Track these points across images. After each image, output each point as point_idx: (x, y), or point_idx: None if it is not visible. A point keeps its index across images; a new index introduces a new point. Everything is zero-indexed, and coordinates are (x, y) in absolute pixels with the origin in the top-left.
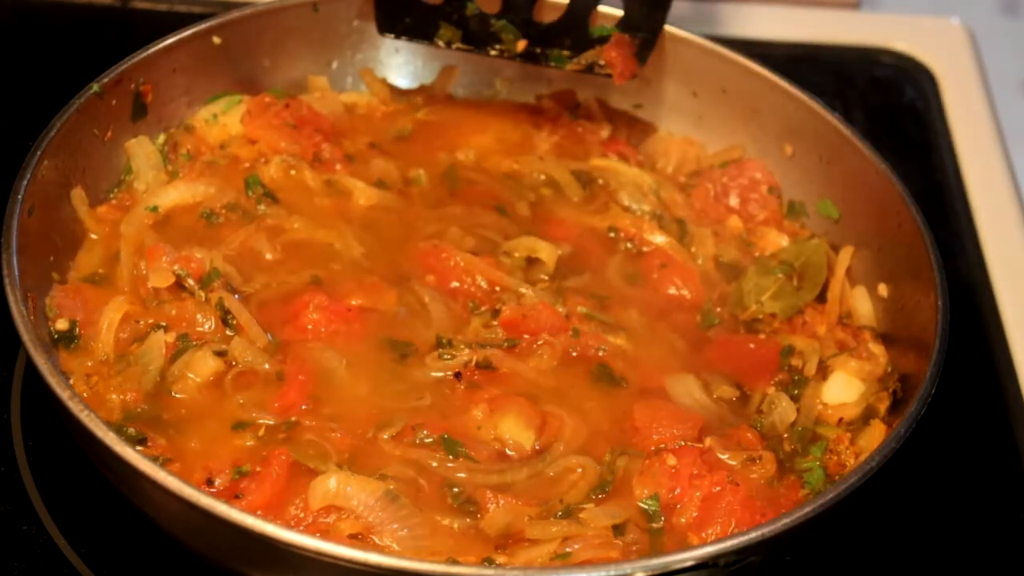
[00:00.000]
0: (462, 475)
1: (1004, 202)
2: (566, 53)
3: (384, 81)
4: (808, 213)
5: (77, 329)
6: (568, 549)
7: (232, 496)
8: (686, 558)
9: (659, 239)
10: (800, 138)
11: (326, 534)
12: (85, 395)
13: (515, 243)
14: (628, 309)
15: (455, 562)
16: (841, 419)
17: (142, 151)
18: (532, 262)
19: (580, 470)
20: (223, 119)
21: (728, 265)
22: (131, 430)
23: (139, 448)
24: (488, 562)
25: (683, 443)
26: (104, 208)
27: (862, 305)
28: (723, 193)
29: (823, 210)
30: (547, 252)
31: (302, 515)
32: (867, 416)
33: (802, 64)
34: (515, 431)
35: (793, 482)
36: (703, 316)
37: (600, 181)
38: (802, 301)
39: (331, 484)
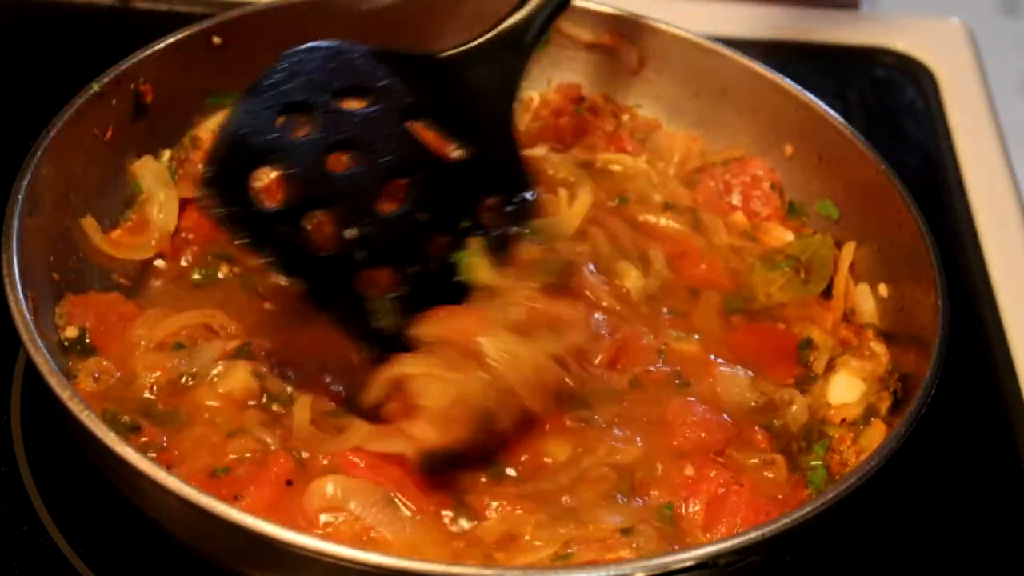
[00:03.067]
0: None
1: (1004, 202)
2: None
3: None
4: (808, 213)
5: (87, 338)
6: (570, 550)
7: (231, 497)
8: (686, 558)
9: (675, 226)
10: (800, 138)
11: (327, 535)
12: (91, 390)
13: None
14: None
15: (455, 562)
16: (843, 420)
17: (149, 171)
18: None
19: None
20: None
21: (739, 254)
22: (125, 417)
23: (131, 435)
24: (488, 560)
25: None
26: (119, 232)
27: (865, 303)
28: (725, 190)
29: (823, 210)
30: (633, 279)
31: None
32: (868, 416)
33: (802, 64)
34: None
35: (798, 481)
36: (726, 302)
37: (614, 169)
38: (810, 294)
39: (328, 488)
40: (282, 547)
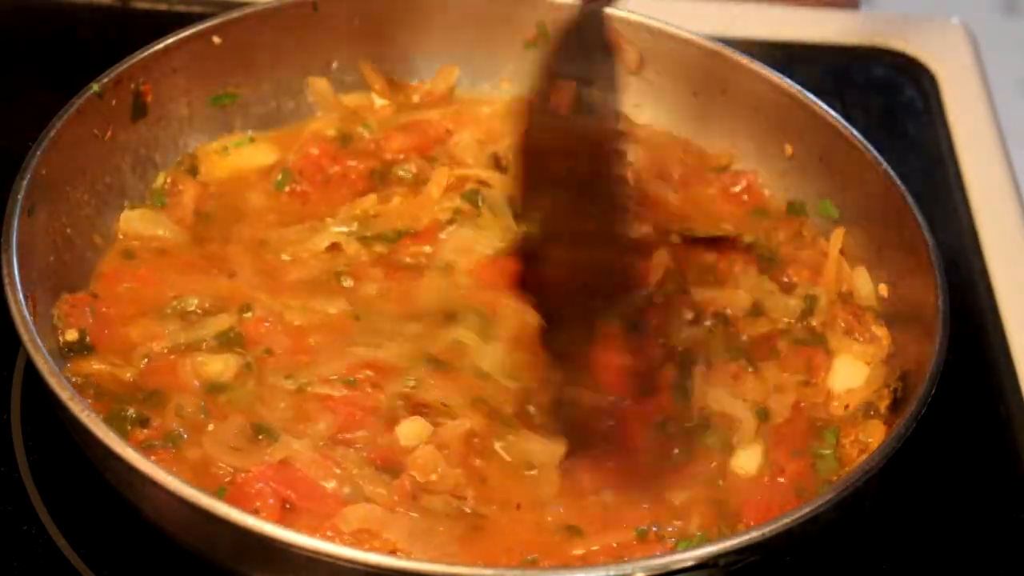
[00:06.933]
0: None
1: (1004, 202)
2: None
3: (383, 75)
4: (808, 213)
5: (88, 338)
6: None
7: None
8: (686, 558)
9: None
10: (800, 138)
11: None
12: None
13: None
14: None
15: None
16: (847, 406)
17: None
18: None
19: None
20: (234, 153)
21: None
22: (131, 411)
23: (144, 431)
24: None
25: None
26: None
27: (864, 286)
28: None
29: (823, 210)
30: None
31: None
32: (868, 411)
33: (802, 64)
34: None
35: (805, 466)
36: None
37: None
38: None
39: (363, 512)
40: (282, 547)
